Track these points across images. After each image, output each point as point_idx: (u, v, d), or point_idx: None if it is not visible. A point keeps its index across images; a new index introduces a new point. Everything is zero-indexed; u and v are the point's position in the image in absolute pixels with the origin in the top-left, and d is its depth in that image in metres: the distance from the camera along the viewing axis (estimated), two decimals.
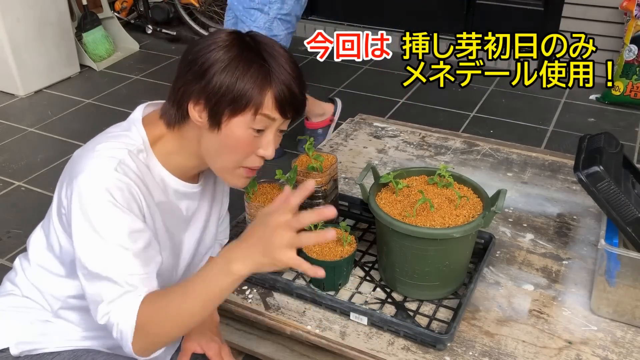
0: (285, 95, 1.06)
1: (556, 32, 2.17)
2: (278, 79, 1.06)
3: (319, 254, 1.36)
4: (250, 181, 1.19)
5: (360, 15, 4.61)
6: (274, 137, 1.12)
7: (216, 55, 1.04)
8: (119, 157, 1.05)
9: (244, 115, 1.05)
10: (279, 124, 1.11)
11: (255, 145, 1.10)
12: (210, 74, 1.03)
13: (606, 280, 1.29)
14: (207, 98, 1.05)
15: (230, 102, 1.04)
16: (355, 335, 1.29)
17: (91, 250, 1.01)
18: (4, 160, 3.11)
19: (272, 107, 1.06)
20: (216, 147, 1.09)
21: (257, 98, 1.04)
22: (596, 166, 1.29)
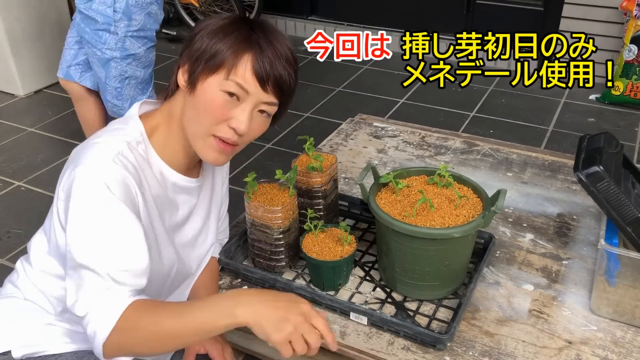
0: (264, 64, 1.03)
1: (556, 32, 2.17)
2: (260, 47, 1.04)
3: (319, 254, 1.36)
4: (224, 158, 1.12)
5: (360, 15, 4.61)
6: (250, 111, 1.07)
7: (208, 23, 1.07)
8: (118, 149, 1.05)
9: (217, 74, 1.04)
10: (258, 98, 1.06)
11: (228, 112, 1.06)
12: (196, 38, 1.06)
13: (606, 280, 1.29)
14: (189, 60, 1.06)
15: (206, 60, 1.03)
16: (355, 335, 1.29)
17: (82, 241, 0.98)
18: (4, 160, 3.11)
19: (248, 73, 1.03)
20: (191, 111, 1.08)
21: (230, 59, 1.03)
22: (596, 166, 1.29)
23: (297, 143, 3.20)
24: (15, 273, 1.24)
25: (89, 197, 1.00)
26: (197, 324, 0.93)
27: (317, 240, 1.40)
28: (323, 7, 4.78)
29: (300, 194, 1.50)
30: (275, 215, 1.35)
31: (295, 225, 1.43)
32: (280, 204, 1.36)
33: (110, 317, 0.95)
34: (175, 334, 0.94)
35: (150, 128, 1.14)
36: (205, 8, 4.72)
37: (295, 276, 1.46)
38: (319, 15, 4.81)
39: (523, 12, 4.06)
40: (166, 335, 0.94)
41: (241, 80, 1.03)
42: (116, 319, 0.95)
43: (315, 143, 1.56)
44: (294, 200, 1.40)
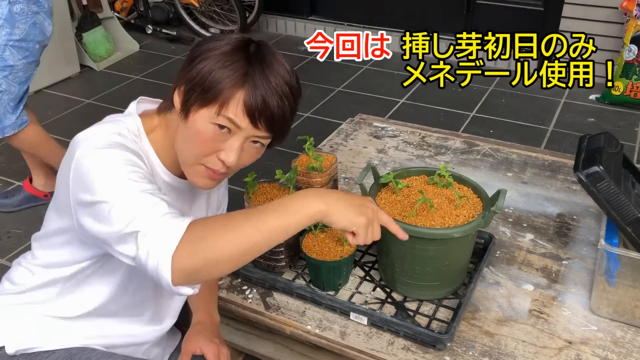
0: (256, 101, 1.01)
1: (556, 32, 2.17)
2: (254, 83, 1.01)
3: (319, 254, 1.36)
4: (214, 183, 1.11)
5: (360, 15, 4.61)
6: (240, 144, 1.04)
7: (210, 46, 1.04)
8: (116, 130, 1.06)
9: (209, 108, 1.02)
10: (249, 133, 1.04)
11: (217, 145, 1.04)
12: (196, 61, 1.03)
13: (606, 280, 1.29)
14: (186, 84, 1.04)
15: (201, 91, 1.02)
16: (355, 335, 1.29)
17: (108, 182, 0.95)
18: (4, 160, 3.11)
19: (239, 110, 1.01)
20: (182, 137, 1.07)
21: (224, 94, 1.01)
22: (596, 166, 1.29)
23: (297, 143, 3.19)
24: (12, 269, 1.25)
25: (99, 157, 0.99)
26: (279, 221, 0.92)
27: (317, 240, 1.40)
28: (323, 7, 4.78)
29: None
30: None
31: None
32: None
33: (176, 230, 0.89)
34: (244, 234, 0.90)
35: (149, 127, 1.13)
36: (205, 8, 4.71)
37: (295, 276, 1.46)
38: (319, 15, 4.81)
39: (523, 12, 4.05)
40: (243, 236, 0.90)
41: (232, 116, 1.02)
42: (183, 230, 0.89)
43: (315, 143, 1.56)
44: None
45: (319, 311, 1.36)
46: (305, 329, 1.32)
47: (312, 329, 1.31)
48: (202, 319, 1.30)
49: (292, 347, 1.41)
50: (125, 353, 1.23)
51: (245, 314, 1.38)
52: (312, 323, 1.33)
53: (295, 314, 1.36)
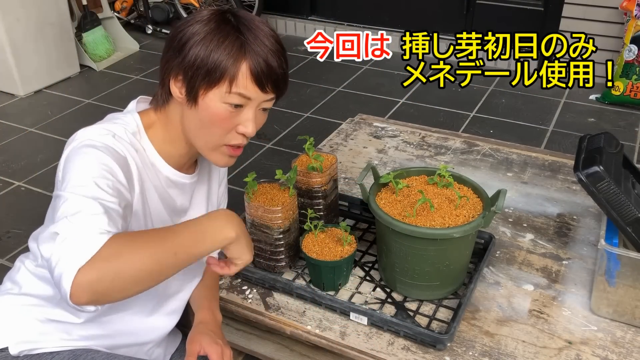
0: (261, 67, 1.04)
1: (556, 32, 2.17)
2: (253, 51, 1.03)
3: (319, 254, 1.36)
4: (234, 160, 1.16)
5: (360, 15, 4.61)
6: (254, 114, 1.09)
7: (193, 29, 1.04)
8: (114, 130, 1.07)
9: (218, 88, 1.04)
10: (259, 101, 1.08)
11: (234, 121, 1.08)
12: (187, 47, 1.04)
13: (606, 280, 1.29)
14: (184, 72, 1.05)
15: (205, 74, 1.03)
16: (355, 335, 1.29)
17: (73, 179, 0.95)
18: (4, 160, 3.11)
19: (247, 81, 1.04)
20: (196, 123, 1.09)
21: (231, 70, 1.03)
22: (596, 166, 1.29)
23: (297, 143, 3.20)
24: (15, 269, 1.24)
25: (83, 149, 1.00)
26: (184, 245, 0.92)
27: (317, 240, 1.40)
28: (323, 7, 4.78)
29: (300, 194, 1.50)
30: (275, 215, 1.35)
31: (295, 225, 1.43)
32: (280, 204, 1.36)
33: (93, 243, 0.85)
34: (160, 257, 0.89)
35: (147, 123, 1.14)
36: (205, 8, 4.72)
37: (295, 276, 1.46)
38: (319, 15, 4.81)
39: (523, 12, 4.06)
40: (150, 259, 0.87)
41: (243, 90, 1.04)
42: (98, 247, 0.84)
43: (315, 143, 1.56)
44: (294, 200, 1.40)
45: (319, 311, 1.36)
46: (305, 329, 1.32)
47: (312, 329, 1.31)
48: (204, 319, 1.30)
49: (292, 347, 1.41)
50: (129, 354, 1.24)
51: (245, 314, 1.38)
52: (312, 323, 1.33)
53: (295, 314, 1.36)
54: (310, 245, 1.38)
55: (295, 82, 3.98)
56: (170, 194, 1.20)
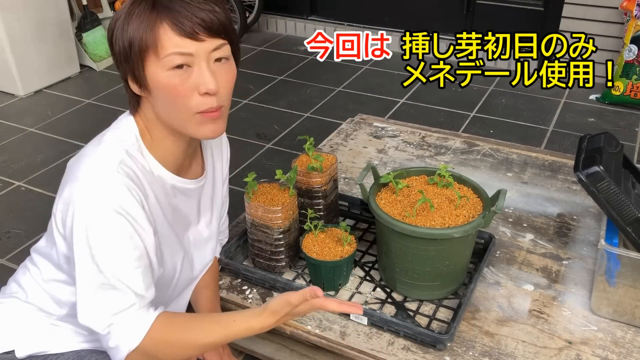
0: (181, 20, 0.96)
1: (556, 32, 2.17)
2: (167, 8, 0.97)
3: (319, 254, 1.36)
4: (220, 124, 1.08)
5: (360, 15, 4.61)
6: (207, 68, 1.00)
7: (114, 17, 1.02)
8: (119, 158, 1.03)
9: (149, 61, 0.99)
10: (202, 52, 0.99)
11: (190, 84, 1.00)
12: (113, 41, 1.02)
13: (606, 280, 1.29)
14: (120, 64, 1.02)
15: (132, 54, 0.99)
16: (355, 335, 1.29)
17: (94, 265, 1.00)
18: (4, 160, 3.11)
19: (173, 36, 0.97)
20: (162, 106, 1.04)
21: (150, 38, 0.97)
22: (596, 166, 1.29)
23: (297, 143, 3.20)
24: (21, 273, 1.23)
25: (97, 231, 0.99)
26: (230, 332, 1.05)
27: (317, 240, 1.40)
28: (323, 7, 4.78)
29: (300, 194, 1.50)
30: (275, 215, 1.35)
31: (295, 225, 1.43)
32: (280, 204, 1.36)
33: (136, 334, 1.01)
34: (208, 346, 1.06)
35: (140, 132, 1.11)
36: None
37: (295, 276, 1.46)
38: (319, 15, 4.81)
39: (523, 12, 4.05)
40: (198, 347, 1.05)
41: (174, 48, 0.97)
42: (142, 337, 1.01)
43: (315, 143, 1.56)
44: (294, 200, 1.40)
45: (319, 311, 1.36)
46: (306, 329, 1.32)
47: (312, 329, 1.31)
48: None
49: (292, 347, 1.41)
50: None
51: None
52: (312, 323, 1.33)
53: None
54: (310, 245, 1.38)
55: (295, 82, 3.98)
56: (176, 202, 1.18)
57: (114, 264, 1.00)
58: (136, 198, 1.02)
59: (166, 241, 1.15)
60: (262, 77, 4.06)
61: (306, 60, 4.30)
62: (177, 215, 1.20)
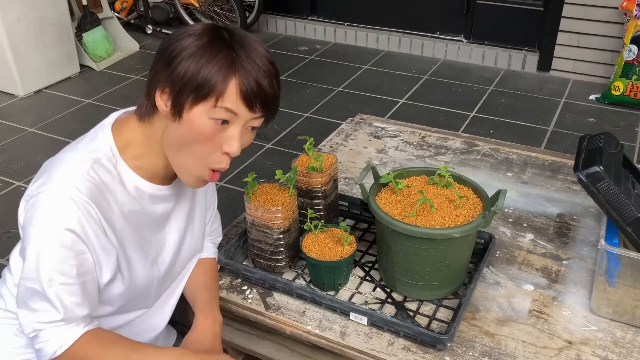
0: (251, 86, 1.01)
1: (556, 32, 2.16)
2: (244, 69, 1.01)
3: (319, 254, 1.36)
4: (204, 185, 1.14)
5: (360, 16, 4.61)
6: (240, 133, 1.05)
7: (185, 43, 1.02)
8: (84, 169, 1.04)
9: (205, 103, 1.01)
10: (246, 119, 1.05)
11: (219, 138, 1.04)
12: (177, 61, 1.01)
13: (606, 280, 1.29)
14: (171, 85, 1.02)
15: (193, 89, 1.00)
16: (355, 335, 1.29)
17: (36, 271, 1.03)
18: (4, 160, 3.11)
19: (235, 98, 1.01)
20: (178, 139, 1.05)
21: (219, 86, 1.00)
22: (596, 166, 1.29)
23: (297, 143, 3.21)
24: (2, 280, 1.24)
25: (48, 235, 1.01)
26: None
27: (317, 240, 1.40)
28: (323, 7, 4.78)
29: (300, 194, 1.50)
30: (275, 215, 1.35)
31: (295, 225, 1.43)
32: (280, 204, 1.36)
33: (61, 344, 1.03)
34: None
35: (126, 140, 1.11)
36: (205, 8, 4.72)
37: (295, 276, 1.46)
38: (319, 15, 4.81)
39: (523, 12, 4.06)
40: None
41: (230, 105, 1.01)
42: (65, 347, 1.03)
43: (315, 143, 1.56)
44: (294, 200, 1.40)
45: (319, 311, 1.36)
46: (305, 329, 1.32)
47: (312, 329, 1.31)
48: (202, 327, 1.29)
49: (292, 347, 1.41)
50: None
51: (245, 314, 1.38)
52: (312, 323, 1.33)
53: (295, 314, 1.36)
54: (310, 245, 1.38)
55: (295, 82, 3.98)
56: (156, 210, 1.18)
57: (54, 277, 1.02)
58: (93, 216, 1.03)
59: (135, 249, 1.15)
60: None
61: (306, 60, 4.30)
62: (152, 221, 1.18)
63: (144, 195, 1.13)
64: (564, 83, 3.86)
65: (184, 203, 1.27)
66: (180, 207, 1.26)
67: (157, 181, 1.15)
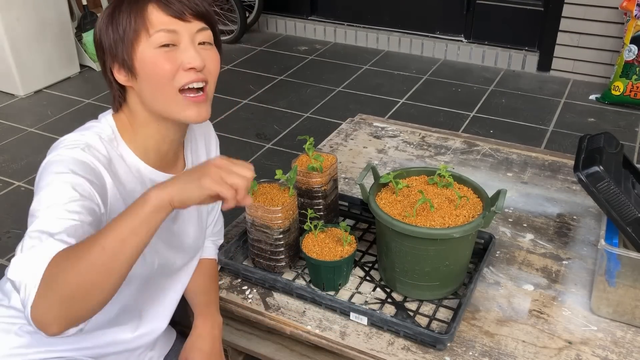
0: (173, 2, 1.03)
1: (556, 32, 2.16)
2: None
3: (319, 254, 1.36)
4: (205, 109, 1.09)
5: (360, 16, 4.61)
6: (191, 45, 1.05)
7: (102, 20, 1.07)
8: (88, 141, 1.05)
9: (139, 41, 1.03)
10: (188, 32, 1.05)
11: (175, 61, 1.04)
12: (100, 37, 1.06)
13: (606, 280, 1.29)
14: (111, 56, 1.06)
15: (123, 39, 1.03)
16: (355, 335, 1.29)
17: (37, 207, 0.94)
18: (4, 160, 3.11)
19: (161, 16, 1.03)
20: (146, 89, 1.06)
21: (140, 20, 1.02)
22: (596, 166, 1.29)
23: (297, 143, 3.20)
24: (4, 279, 1.23)
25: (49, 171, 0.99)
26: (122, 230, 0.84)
27: (317, 240, 1.40)
28: (323, 7, 4.78)
29: (300, 194, 1.50)
30: (275, 215, 1.35)
31: (295, 225, 1.43)
32: (280, 204, 1.36)
33: (37, 267, 0.83)
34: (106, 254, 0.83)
35: (120, 127, 1.13)
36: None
37: (295, 276, 1.46)
38: (319, 15, 4.81)
39: (523, 12, 4.05)
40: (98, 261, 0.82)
41: (163, 26, 1.02)
42: (43, 269, 0.83)
43: (315, 143, 1.56)
44: (294, 200, 1.40)
45: (319, 311, 1.36)
46: (305, 329, 1.32)
47: (312, 329, 1.31)
48: (201, 331, 1.28)
49: (292, 348, 1.41)
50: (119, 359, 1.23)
51: (245, 314, 1.38)
52: (312, 323, 1.33)
53: (295, 314, 1.36)
54: (310, 245, 1.38)
55: (295, 82, 3.98)
56: None
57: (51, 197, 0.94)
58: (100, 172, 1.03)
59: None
60: (262, 77, 4.06)
61: (306, 60, 4.30)
62: None
63: (145, 179, 1.14)
64: (564, 83, 3.86)
65: None
66: None
67: (162, 168, 1.16)
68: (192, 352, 1.26)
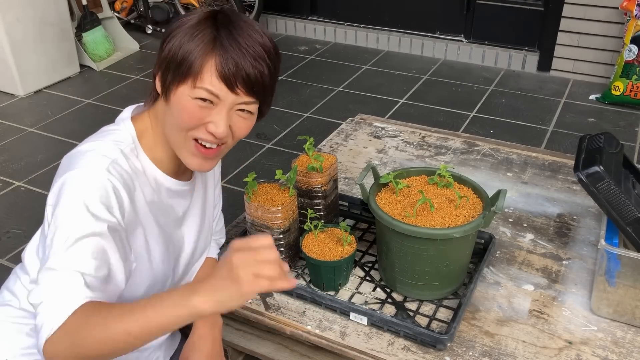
0: (229, 67, 0.99)
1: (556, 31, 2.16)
2: (223, 48, 0.99)
3: (319, 254, 1.36)
4: (209, 163, 1.10)
5: (361, 16, 4.61)
6: (226, 114, 1.03)
7: (178, 23, 1.03)
8: (112, 157, 1.04)
9: (186, 84, 1.01)
10: (230, 101, 1.02)
11: (204, 116, 1.03)
12: (166, 42, 1.03)
13: (606, 280, 1.29)
14: (159, 66, 1.04)
15: (175, 68, 1.01)
16: (355, 335, 1.29)
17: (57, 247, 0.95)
18: (4, 160, 3.11)
19: (213, 78, 1.00)
20: (169, 119, 1.06)
21: (196, 65, 1.00)
22: (596, 166, 1.29)
23: (297, 143, 3.21)
24: (12, 280, 1.23)
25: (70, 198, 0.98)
26: (152, 321, 0.86)
27: (317, 240, 1.40)
28: (323, 7, 4.78)
29: (300, 194, 1.50)
30: (275, 215, 1.35)
31: (295, 225, 1.43)
32: (280, 204, 1.36)
33: (59, 314, 0.88)
34: (129, 333, 0.86)
35: (140, 131, 1.12)
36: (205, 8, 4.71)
37: (295, 276, 1.46)
38: (319, 15, 4.81)
39: (523, 12, 4.05)
40: (119, 335, 0.87)
41: (208, 86, 1.00)
42: (64, 318, 0.88)
43: (315, 143, 1.56)
44: (294, 200, 1.40)
45: (319, 311, 1.36)
46: (305, 329, 1.32)
47: (312, 329, 1.31)
48: (201, 332, 1.28)
49: (292, 348, 1.41)
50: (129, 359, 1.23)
51: (245, 314, 1.38)
52: (312, 323, 1.33)
53: (295, 314, 1.36)
54: (310, 245, 1.38)
55: (295, 82, 3.98)
56: (172, 204, 1.19)
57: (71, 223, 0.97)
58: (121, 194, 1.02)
59: (155, 239, 1.15)
60: None
61: (306, 60, 4.30)
62: (171, 216, 1.19)
63: (162, 187, 1.14)
64: (564, 83, 3.86)
65: (198, 201, 1.28)
66: (195, 207, 1.27)
67: (170, 174, 1.16)
68: (192, 352, 1.26)
